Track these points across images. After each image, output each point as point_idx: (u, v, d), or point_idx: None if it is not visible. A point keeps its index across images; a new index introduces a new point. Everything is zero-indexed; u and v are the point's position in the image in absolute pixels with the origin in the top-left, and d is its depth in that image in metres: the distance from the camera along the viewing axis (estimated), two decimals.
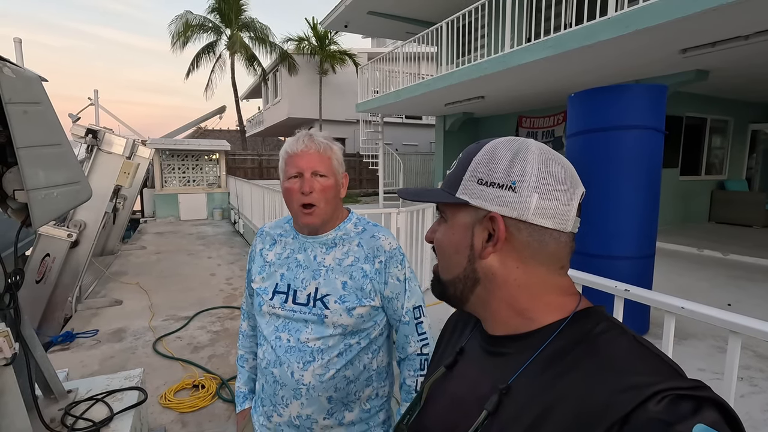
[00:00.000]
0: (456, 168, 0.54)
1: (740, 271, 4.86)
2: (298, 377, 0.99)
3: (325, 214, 1.03)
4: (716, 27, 3.92)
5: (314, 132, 1.05)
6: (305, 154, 1.00)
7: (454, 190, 0.53)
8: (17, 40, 4.76)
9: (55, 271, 3.90)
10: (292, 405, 1.00)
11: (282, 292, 1.05)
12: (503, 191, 0.49)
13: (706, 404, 0.37)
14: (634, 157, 2.89)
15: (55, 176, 1.55)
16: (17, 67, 1.46)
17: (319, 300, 1.01)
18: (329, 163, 1.02)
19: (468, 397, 0.53)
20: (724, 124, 8.41)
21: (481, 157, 0.51)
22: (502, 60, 5.75)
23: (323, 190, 1.00)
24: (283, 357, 1.01)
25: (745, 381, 2.46)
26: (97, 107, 9.55)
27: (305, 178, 0.99)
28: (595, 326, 0.48)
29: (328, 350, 1.00)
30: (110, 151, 4.38)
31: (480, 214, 0.51)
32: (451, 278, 0.54)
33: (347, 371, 1.02)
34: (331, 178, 1.02)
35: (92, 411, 1.68)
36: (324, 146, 1.02)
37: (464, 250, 0.52)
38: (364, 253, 1.04)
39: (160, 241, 8.34)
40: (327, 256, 1.05)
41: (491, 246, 0.50)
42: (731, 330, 0.93)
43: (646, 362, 0.42)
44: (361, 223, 1.11)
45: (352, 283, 1.01)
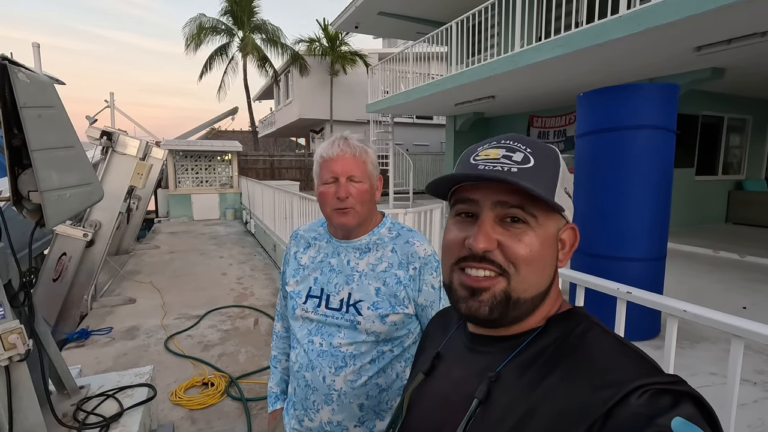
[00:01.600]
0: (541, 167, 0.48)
1: (758, 273, 4.74)
2: (329, 382, 0.98)
3: (360, 216, 1.02)
4: (731, 24, 3.84)
5: (349, 135, 1.03)
6: (340, 158, 0.99)
7: (550, 193, 0.48)
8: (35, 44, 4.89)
9: (72, 269, 4.01)
10: (323, 410, 1.00)
11: (315, 296, 1.04)
12: (571, 201, 0.51)
13: (684, 398, 0.38)
14: (645, 158, 2.84)
15: (68, 178, 1.60)
16: (32, 72, 1.50)
17: (352, 306, 1.00)
18: (364, 167, 1.01)
19: (453, 394, 0.53)
20: (742, 122, 8.21)
21: (564, 166, 0.51)
22: (513, 59, 5.70)
23: (359, 195, 0.99)
24: (315, 361, 1.00)
25: (758, 386, 2.40)
26: (113, 109, 9.74)
27: (340, 183, 0.98)
28: (577, 326, 0.49)
29: (360, 356, 0.99)
30: (124, 152, 4.47)
31: (561, 223, 0.50)
32: (535, 294, 0.49)
33: (379, 379, 1.00)
34: (366, 182, 1.01)
35: (103, 407, 1.72)
36: (359, 150, 1.01)
37: (554, 261, 0.50)
38: (398, 258, 1.02)
39: (174, 241, 8.48)
40: (360, 261, 1.04)
41: (565, 256, 0.51)
42: (733, 334, 0.92)
43: (626, 359, 0.43)
44: (395, 227, 1.09)
45: (386, 289, 1.00)
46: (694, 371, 2.55)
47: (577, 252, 3.20)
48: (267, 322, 4.05)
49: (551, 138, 8.83)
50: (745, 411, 2.15)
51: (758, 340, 0.88)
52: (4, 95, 1.43)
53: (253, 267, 6.27)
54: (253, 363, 3.21)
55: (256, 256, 7.00)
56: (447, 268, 0.52)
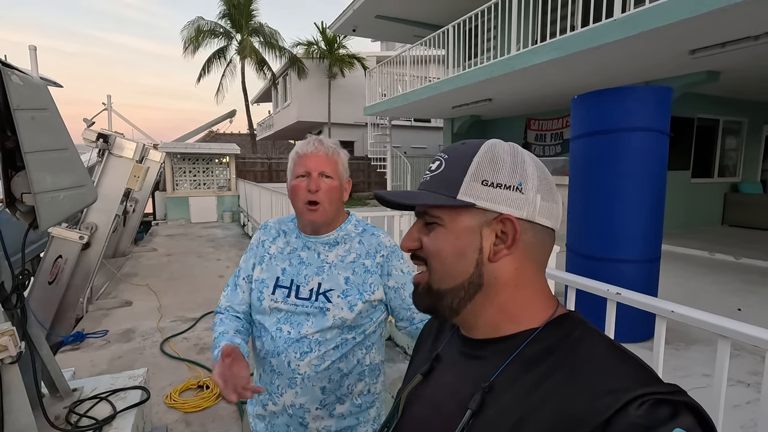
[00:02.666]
0: (449, 169, 0.52)
1: (753, 275, 4.76)
2: (294, 366, 1.03)
3: (329, 213, 1.07)
4: (725, 27, 3.87)
5: (323, 138, 1.11)
6: (314, 155, 1.06)
7: (453, 192, 0.50)
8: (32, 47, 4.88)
9: (67, 272, 3.99)
10: (287, 394, 1.05)
11: (284, 287, 1.09)
12: (510, 192, 0.49)
13: (683, 409, 0.38)
14: (639, 160, 2.86)
15: (61, 180, 1.60)
16: (25, 74, 1.51)
17: (321, 294, 1.06)
18: (336, 166, 1.08)
19: (447, 401, 0.53)
20: (738, 125, 8.25)
21: (482, 158, 0.50)
22: (509, 62, 5.73)
23: (328, 191, 1.05)
24: (281, 347, 1.05)
25: (752, 387, 2.41)
26: (111, 112, 9.74)
27: (312, 177, 1.05)
28: (573, 331, 0.48)
29: (325, 342, 1.04)
30: (121, 154, 4.47)
31: (488, 216, 0.49)
32: (453, 286, 0.51)
33: (341, 363, 1.06)
34: (336, 180, 1.07)
35: (96, 409, 1.72)
36: (332, 150, 1.08)
37: (472, 255, 0.50)
38: (366, 249, 1.11)
39: (171, 244, 8.47)
40: (330, 253, 1.11)
41: (505, 248, 0.49)
42: (719, 334, 0.92)
43: (624, 366, 0.43)
44: (360, 224, 1.17)
45: (354, 278, 1.07)
46: (687, 372, 2.55)
47: (572, 254, 3.22)
48: None
49: (548, 140, 8.86)
50: (739, 412, 2.15)
51: (744, 341, 0.89)
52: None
53: None
54: None
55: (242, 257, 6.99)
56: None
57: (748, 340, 0.87)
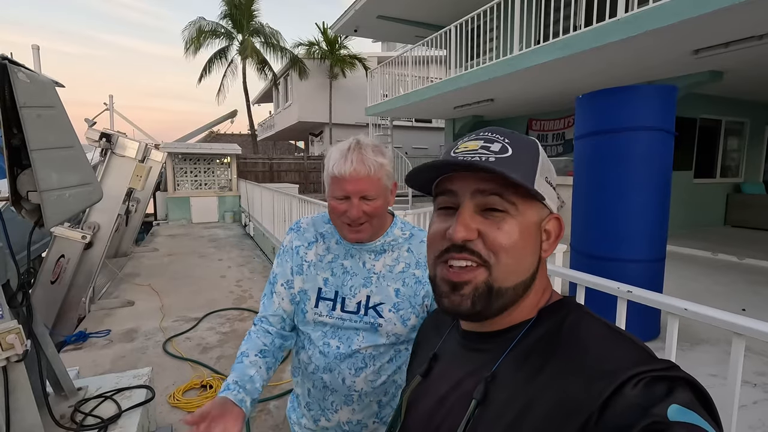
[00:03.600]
0: (519, 155, 0.48)
1: (757, 275, 4.75)
2: (350, 383, 0.98)
3: (374, 229, 0.97)
4: (729, 27, 3.86)
5: (363, 144, 0.93)
6: (354, 179, 0.89)
7: (529, 181, 0.47)
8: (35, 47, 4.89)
9: (70, 272, 3.99)
10: (342, 411, 1.00)
11: (328, 299, 1.00)
12: (553, 192, 0.51)
13: (679, 384, 0.38)
14: (644, 159, 2.85)
15: (67, 178, 1.59)
16: (32, 72, 1.50)
17: (371, 308, 0.97)
18: (379, 183, 0.92)
19: (451, 394, 0.53)
20: (740, 125, 8.24)
21: (544, 155, 0.51)
22: (511, 62, 5.72)
23: (372, 212, 0.93)
24: (333, 363, 0.98)
25: (758, 387, 2.40)
26: (112, 112, 9.75)
27: (353, 202, 0.91)
28: (568, 316, 0.49)
29: (379, 356, 0.99)
30: (123, 154, 4.47)
31: (544, 212, 0.50)
32: (516, 283, 0.48)
33: (397, 376, 1.02)
34: (380, 198, 0.93)
35: (101, 408, 1.71)
36: (375, 167, 0.91)
37: (537, 250, 0.50)
38: (415, 258, 1.00)
39: (172, 244, 8.46)
40: (377, 262, 1.00)
41: (550, 245, 0.51)
42: (735, 332, 0.92)
43: (619, 347, 0.43)
44: (407, 227, 1.06)
45: (405, 289, 0.98)
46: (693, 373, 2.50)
47: (577, 253, 3.21)
48: None
49: (550, 141, 8.85)
50: (746, 412, 2.14)
51: (759, 338, 0.88)
52: (4, 95, 1.43)
53: (252, 270, 6.25)
54: None
55: (255, 259, 6.99)
56: (431, 262, 0.52)
57: (762, 338, 0.86)
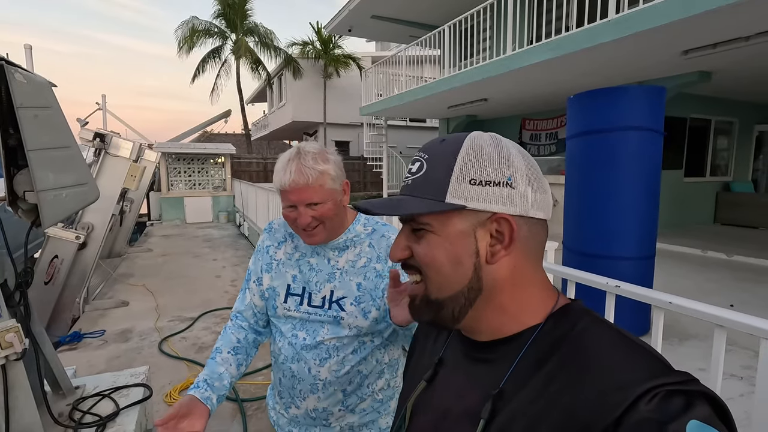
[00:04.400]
0: (431, 170, 0.48)
1: (746, 272, 4.84)
2: (315, 373, 1.03)
3: (329, 231, 1.02)
4: (716, 28, 3.93)
5: (303, 153, 0.97)
6: (294, 189, 0.95)
7: (440, 195, 0.46)
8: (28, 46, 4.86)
9: (64, 272, 3.98)
10: (309, 399, 1.05)
11: (296, 295, 1.06)
12: (501, 189, 0.46)
13: (697, 399, 0.36)
14: (634, 158, 2.90)
15: (64, 178, 1.60)
16: (29, 73, 1.51)
17: (335, 302, 1.03)
18: (322, 189, 0.96)
19: (455, 408, 0.51)
20: (729, 125, 8.36)
21: (466, 155, 0.47)
22: (505, 62, 5.78)
23: (321, 215, 0.98)
24: (300, 353, 1.04)
25: (745, 380, 2.45)
26: (105, 112, 9.68)
27: (300, 211, 0.97)
28: (577, 323, 0.46)
29: (343, 347, 1.03)
30: (117, 154, 4.46)
31: (481, 216, 0.46)
32: (452, 294, 0.48)
33: (361, 366, 1.06)
34: (327, 202, 0.98)
35: (99, 406, 1.72)
36: (314, 175, 0.94)
37: (468, 259, 0.47)
38: (376, 252, 1.06)
39: (166, 244, 8.43)
40: (340, 258, 1.06)
41: (503, 248, 0.47)
42: (716, 324, 0.95)
43: (631, 357, 0.41)
44: (369, 223, 1.11)
45: (366, 283, 1.03)
46: (682, 367, 2.54)
47: (569, 251, 3.26)
48: None
49: (543, 140, 8.93)
50: (732, 405, 2.17)
51: (739, 329, 0.92)
52: (1, 96, 1.44)
53: (247, 269, 6.25)
54: None
55: (250, 259, 6.98)
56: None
57: (743, 329, 0.90)
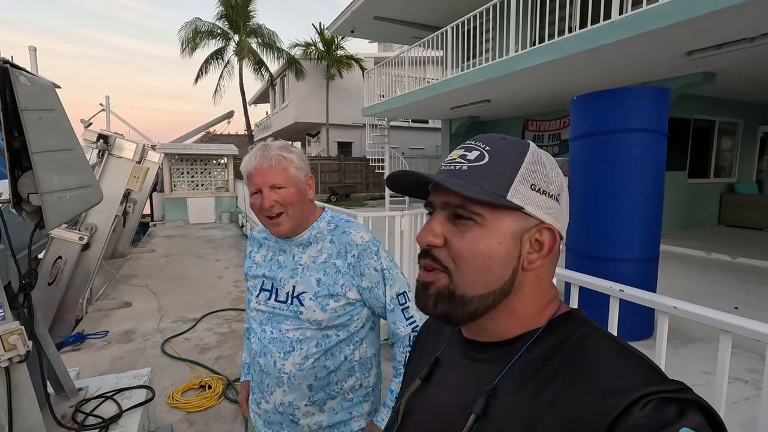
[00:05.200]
0: (495, 162, 0.48)
1: (749, 274, 4.81)
2: (279, 366, 1.06)
3: (293, 220, 1.07)
4: (721, 29, 3.91)
5: (269, 145, 1.07)
6: (259, 171, 1.04)
7: (502, 189, 0.47)
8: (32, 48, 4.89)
9: (67, 273, 3.99)
10: (276, 392, 1.08)
11: (267, 290, 1.13)
12: (553, 201, 0.48)
13: (690, 407, 0.37)
14: (638, 160, 2.89)
15: (67, 180, 1.61)
16: (33, 75, 1.52)
17: (295, 297, 1.07)
18: (285, 173, 1.04)
19: (450, 405, 0.52)
20: (733, 126, 8.32)
21: (531, 161, 0.48)
22: (507, 64, 5.77)
23: (284, 201, 1.04)
24: (267, 347, 1.08)
25: (750, 384, 2.44)
26: (108, 113, 9.73)
27: (264, 193, 1.03)
28: (576, 330, 0.47)
29: (306, 341, 1.06)
30: (121, 155, 4.47)
31: (530, 222, 0.47)
32: (483, 294, 0.47)
33: (327, 361, 1.07)
34: (290, 187, 1.05)
35: (102, 408, 1.73)
36: (276, 159, 1.04)
37: (511, 261, 0.47)
38: (336, 249, 1.09)
39: (169, 245, 8.45)
40: (303, 255, 1.11)
41: (540, 257, 0.48)
42: (722, 329, 0.95)
43: (628, 365, 0.42)
44: (333, 220, 1.15)
45: (326, 278, 1.07)
46: (686, 370, 2.58)
47: (572, 253, 3.25)
48: None
49: (546, 141, 8.91)
50: (737, 409, 2.18)
51: (745, 335, 0.91)
52: (5, 98, 1.45)
53: None
54: None
55: None
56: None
57: (748, 335, 0.89)
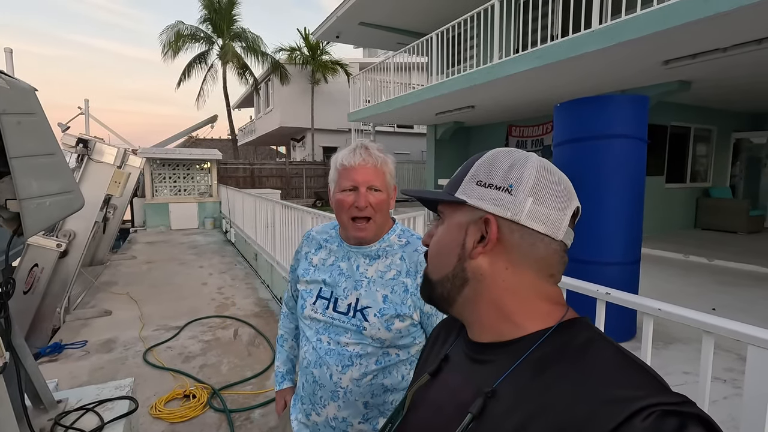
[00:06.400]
0: (458, 172, 0.56)
1: (726, 276, 4.96)
2: (336, 380, 1.01)
3: (377, 227, 1.04)
4: (696, 39, 4.05)
5: (370, 144, 1.04)
6: (361, 168, 0.99)
7: (454, 190, 0.55)
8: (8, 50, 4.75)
9: (44, 281, 3.87)
10: (330, 406, 1.03)
11: (325, 298, 1.07)
12: (500, 192, 0.50)
13: (692, 421, 0.36)
14: (619, 165, 2.96)
15: (47, 185, 1.56)
16: (11, 78, 1.48)
17: (359, 311, 1.02)
18: (384, 177, 1.02)
19: (448, 403, 0.53)
20: (708, 132, 8.61)
21: (482, 162, 0.54)
22: (491, 70, 5.86)
23: (377, 205, 1.00)
24: (323, 359, 1.03)
25: (729, 383, 2.51)
26: (87, 116, 9.50)
27: (360, 192, 0.99)
28: (580, 336, 0.47)
29: (366, 356, 1.01)
30: (101, 160, 4.37)
31: (476, 214, 0.51)
32: (440, 278, 0.55)
33: (385, 379, 1.02)
34: (384, 192, 1.02)
35: (82, 421, 1.67)
36: (381, 160, 1.01)
37: (455, 249, 0.53)
38: (407, 266, 1.03)
39: (151, 251, 8.28)
40: (370, 267, 1.05)
41: (481, 247, 0.51)
42: (704, 330, 0.97)
43: (631, 374, 0.42)
44: (405, 234, 1.10)
45: (393, 296, 1.01)
46: (668, 371, 2.64)
47: None
48: (248, 332, 3.99)
49: (529, 147, 9.05)
50: (716, 408, 2.24)
51: (727, 335, 0.93)
52: None
53: (234, 276, 6.17)
54: (236, 373, 3.16)
55: (237, 266, 6.90)
56: None
57: (730, 335, 0.92)
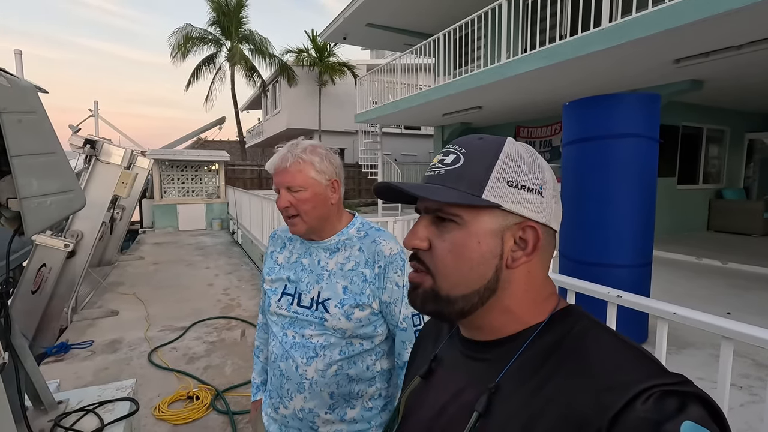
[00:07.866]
0: (469, 164, 0.48)
1: (739, 279, 4.84)
2: (301, 372, 1.04)
3: (309, 223, 1.06)
4: (708, 37, 3.97)
5: (297, 143, 1.07)
6: (278, 171, 1.05)
7: (477, 190, 0.47)
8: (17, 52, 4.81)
9: (51, 281, 3.89)
10: (296, 398, 1.05)
11: (289, 294, 1.10)
12: (534, 195, 0.47)
13: (691, 400, 0.37)
14: (629, 166, 2.89)
15: (48, 185, 1.55)
16: (13, 76, 1.47)
17: (320, 303, 1.05)
18: (303, 175, 1.04)
19: (452, 404, 0.51)
20: (721, 133, 8.45)
21: (506, 158, 0.47)
22: (499, 70, 5.80)
23: (299, 203, 1.04)
24: (289, 352, 1.06)
25: (744, 390, 2.43)
26: (97, 118, 9.61)
27: (281, 194, 1.06)
28: (575, 325, 0.47)
29: (330, 347, 1.04)
30: (108, 161, 4.39)
31: (510, 219, 0.47)
32: (466, 293, 0.48)
33: (349, 369, 1.05)
34: (307, 190, 1.04)
35: (83, 422, 1.65)
36: (294, 161, 1.04)
37: (492, 260, 0.47)
38: (365, 257, 1.07)
39: (159, 252, 8.32)
40: (330, 260, 1.09)
41: (524, 255, 0.47)
42: (723, 336, 0.92)
43: (629, 359, 0.42)
44: (364, 227, 1.13)
45: (352, 287, 1.05)
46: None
47: (565, 259, 3.23)
48: (254, 333, 3.97)
49: (537, 148, 8.97)
50: (732, 415, 2.16)
51: (747, 342, 0.88)
52: None
53: (240, 278, 6.18)
54: (240, 375, 3.14)
55: (243, 267, 6.91)
56: None
57: (753, 342, 0.87)
